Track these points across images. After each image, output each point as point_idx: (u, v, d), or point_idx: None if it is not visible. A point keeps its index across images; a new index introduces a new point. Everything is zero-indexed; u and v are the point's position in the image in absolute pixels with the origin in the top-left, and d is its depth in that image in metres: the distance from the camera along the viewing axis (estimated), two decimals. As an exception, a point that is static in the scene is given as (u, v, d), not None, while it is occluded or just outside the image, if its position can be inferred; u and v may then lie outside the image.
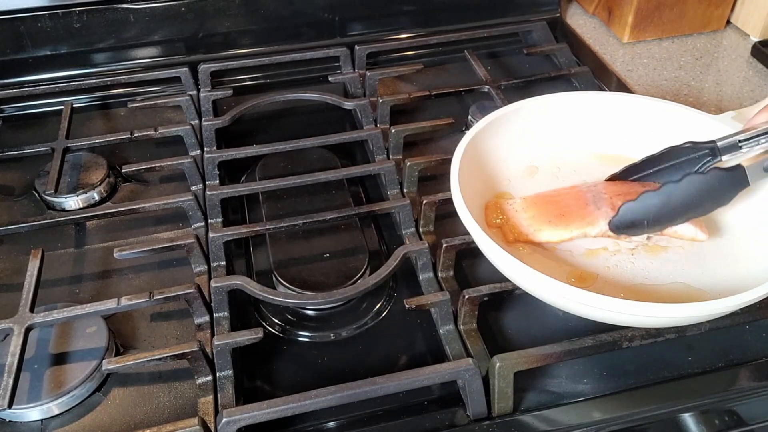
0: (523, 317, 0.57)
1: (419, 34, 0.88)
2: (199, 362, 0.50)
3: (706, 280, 0.54)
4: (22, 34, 0.78)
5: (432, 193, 0.62)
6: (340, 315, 0.58)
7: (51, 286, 0.60)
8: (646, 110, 0.64)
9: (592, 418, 0.49)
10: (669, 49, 0.89)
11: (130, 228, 0.66)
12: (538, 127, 0.65)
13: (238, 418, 0.45)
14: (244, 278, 0.54)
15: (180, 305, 0.57)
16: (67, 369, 0.51)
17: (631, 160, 0.61)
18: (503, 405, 0.49)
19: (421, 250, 0.57)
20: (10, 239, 0.64)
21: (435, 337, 0.55)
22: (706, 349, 0.54)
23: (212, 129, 0.72)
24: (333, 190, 0.67)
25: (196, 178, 0.68)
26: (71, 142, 0.71)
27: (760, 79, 0.83)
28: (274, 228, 0.60)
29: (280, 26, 0.85)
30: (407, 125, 0.71)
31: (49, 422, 0.50)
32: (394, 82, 0.85)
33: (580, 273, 0.55)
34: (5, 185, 0.71)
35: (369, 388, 0.47)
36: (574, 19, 0.96)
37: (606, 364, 0.53)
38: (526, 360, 0.49)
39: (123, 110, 0.81)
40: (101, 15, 0.79)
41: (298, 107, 0.80)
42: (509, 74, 0.86)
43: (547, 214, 0.58)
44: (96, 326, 0.54)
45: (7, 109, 0.81)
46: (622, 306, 0.45)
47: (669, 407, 0.50)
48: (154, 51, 0.83)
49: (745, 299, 0.45)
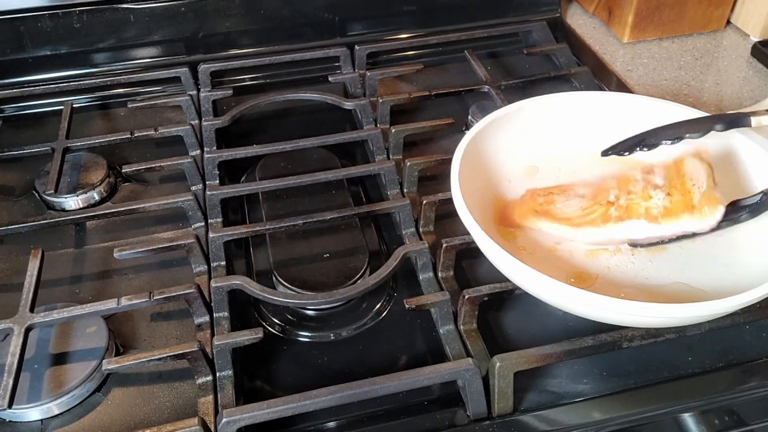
0: (523, 317, 0.57)
1: (419, 34, 0.88)
2: (199, 362, 0.50)
3: (706, 280, 0.54)
4: (22, 34, 0.78)
5: (432, 193, 0.62)
6: (340, 315, 0.58)
7: (51, 286, 0.60)
8: (646, 110, 0.64)
9: (592, 418, 0.49)
10: (669, 49, 0.89)
11: (130, 228, 0.66)
12: (538, 127, 0.65)
13: (238, 418, 0.45)
14: (244, 278, 0.54)
15: (180, 305, 0.57)
16: (67, 369, 0.51)
17: (631, 160, 0.61)
18: (503, 405, 0.49)
19: (421, 250, 0.57)
20: (10, 239, 0.64)
21: (435, 337, 0.55)
22: (706, 349, 0.54)
23: (212, 129, 0.72)
24: (333, 190, 0.67)
25: (196, 178, 0.68)
26: (71, 142, 0.71)
27: (760, 79, 0.83)
28: (274, 228, 0.60)
29: (280, 26, 0.85)
30: (407, 125, 0.71)
31: (49, 422, 0.50)
32: (394, 82, 0.85)
33: (580, 273, 0.55)
34: (5, 185, 0.71)
35: (369, 388, 0.47)
36: (574, 19, 0.96)
37: (606, 364, 0.53)
38: (526, 360, 0.49)
39: (123, 110, 0.81)
40: (101, 15, 0.79)
41: (298, 107, 0.80)
42: (509, 74, 0.86)
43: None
44: (96, 326, 0.54)
45: (7, 109, 0.81)
46: (622, 306, 0.45)
47: (669, 407, 0.50)
48: (154, 51, 0.83)
49: (745, 299, 0.45)
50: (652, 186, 0.57)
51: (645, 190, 0.57)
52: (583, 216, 0.58)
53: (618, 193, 0.58)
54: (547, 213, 0.58)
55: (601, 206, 0.58)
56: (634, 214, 0.56)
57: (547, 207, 0.59)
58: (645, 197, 0.57)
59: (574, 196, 0.60)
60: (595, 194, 0.59)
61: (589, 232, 0.57)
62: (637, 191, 0.57)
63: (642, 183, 0.58)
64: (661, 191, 0.56)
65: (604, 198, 0.58)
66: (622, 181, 0.59)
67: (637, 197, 0.57)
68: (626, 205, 0.57)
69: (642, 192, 0.57)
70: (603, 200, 0.58)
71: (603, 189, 0.59)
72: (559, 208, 0.59)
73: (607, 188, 0.59)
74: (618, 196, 0.57)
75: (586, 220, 0.57)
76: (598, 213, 0.57)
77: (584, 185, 0.61)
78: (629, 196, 0.57)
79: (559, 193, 0.60)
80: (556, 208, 0.59)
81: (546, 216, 0.58)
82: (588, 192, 0.60)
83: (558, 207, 0.59)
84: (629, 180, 0.59)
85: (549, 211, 0.59)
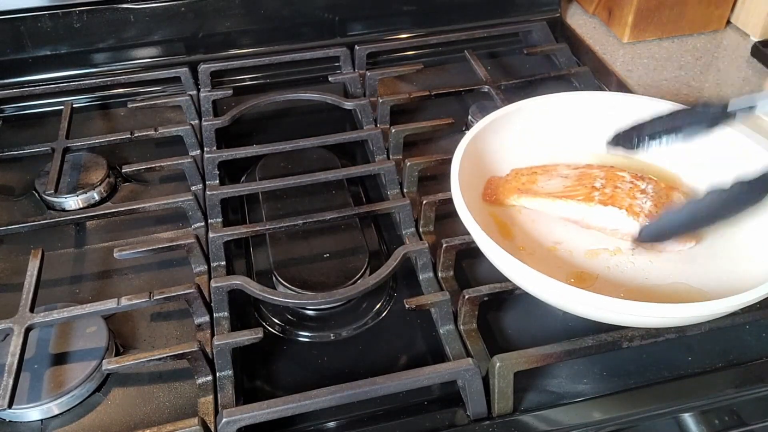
0: (523, 317, 0.57)
1: (419, 34, 0.88)
2: (199, 362, 0.50)
3: (706, 280, 0.54)
4: (22, 34, 0.78)
5: (432, 193, 0.62)
6: (340, 315, 0.58)
7: (51, 286, 0.60)
8: (646, 110, 0.64)
9: (592, 418, 0.49)
10: (669, 49, 0.89)
11: (130, 228, 0.66)
12: (538, 127, 0.65)
13: (238, 418, 0.45)
14: (244, 278, 0.54)
15: (180, 305, 0.57)
16: (67, 369, 0.51)
17: (631, 160, 0.61)
18: (503, 405, 0.49)
19: (421, 250, 0.57)
20: (10, 239, 0.64)
21: (435, 337, 0.55)
22: (706, 349, 0.54)
23: (212, 129, 0.72)
24: (333, 190, 0.67)
25: (196, 178, 0.68)
26: (71, 142, 0.71)
27: (760, 79, 0.83)
28: (274, 228, 0.60)
29: (280, 26, 0.85)
30: (407, 125, 0.71)
31: (49, 422, 0.50)
32: (394, 82, 0.85)
33: (580, 273, 0.55)
34: (5, 185, 0.71)
35: (369, 388, 0.47)
36: (574, 19, 0.96)
37: (606, 364, 0.53)
38: (526, 360, 0.49)
39: (123, 110, 0.81)
40: (101, 15, 0.79)
41: (298, 107, 0.80)
42: (509, 74, 0.86)
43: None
44: (96, 326, 0.54)
45: (7, 109, 0.81)
46: (622, 306, 0.45)
47: (669, 407, 0.50)
48: (154, 51, 0.83)
49: (745, 299, 0.45)
50: (639, 190, 0.57)
51: (632, 190, 0.58)
52: (564, 191, 0.59)
53: (605, 182, 0.59)
54: (528, 191, 0.60)
55: (585, 188, 0.59)
56: (618, 203, 0.56)
57: (529, 186, 0.61)
58: (630, 195, 0.57)
59: (557, 176, 0.61)
60: (580, 177, 0.60)
61: (566, 205, 0.58)
62: (623, 188, 0.58)
63: (630, 184, 0.58)
64: (647, 198, 0.57)
65: (589, 182, 0.59)
66: (611, 176, 0.59)
67: (623, 192, 0.57)
68: (611, 194, 0.57)
69: (628, 191, 0.58)
70: (588, 184, 0.59)
71: (588, 175, 0.60)
72: (541, 186, 0.60)
73: (593, 176, 0.60)
74: (604, 185, 0.58)
75: (566, 194, 0.59)
76: (581, 192, 0.58)
77: (568, 167, 0.62)
78: (615, 189, 0.58)
79: (542, 172, 0.62)
80: (538, 186, 0.60)
81: (528, 193, 0.60)
82: (572, 174, 0.61)
83: (540, 185, 0.60)
84: (617, 177, 0.59)
85: (531, 189, 0.60)
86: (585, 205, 0.57)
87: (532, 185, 0.61)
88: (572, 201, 0.58)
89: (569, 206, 0.58)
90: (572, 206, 0.58)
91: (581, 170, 0.62)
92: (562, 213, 0.59)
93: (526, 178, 0.62)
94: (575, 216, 0.59)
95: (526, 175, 0.62)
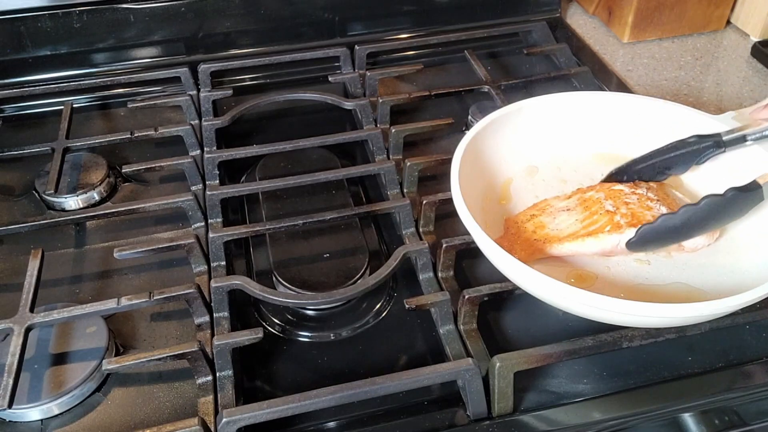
0: (523, 317, 0.57)
1: (419, 34, 0.88)
2: (199, 362, 0.50)
3: (706, 280, 0.54)
4: (22, 34, 0.78)
5: (432, 193, 0.62)
6: (340, 315, 0.58)
7: (51, 286, 0.60)
8: (646, 110, 0.64)
9: (592, 418, 0.49)
10: (669, 49, 0.89)
11: (130, 228, 0.66)
12: (538, 127, 0.65)
13: (238, 418, 0.45)
14: (244, 278, 0.54)
15: (180, 305, 0.57)
16: (67, 369, 0.51)
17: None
18: (503, 405, 0.49)
19: (421, 250, 0.57)
20: (10, 239, 0.64)
21: (435, 337, 0.55)
22: (706, 349, 0.54)
23: (212, 129, 0.72)
24: (333, 190, 0.67)
25: (196, 178, 0.68)
26: (71, 142, 0.71)
27: (760, 79, 0.83)
28: (274, 228, 0.60)
29: (280, 26, 0.85)
30: (407, 125, 0.71)
31: (49, 422, 0.50)
32: (394, 82, 0.85)
33: (580, 273, 0.55)
34: (5, 185, 0.71)
35: (369, 388, 0.47)
36: (574, 19, 0.96)
37: (606, 364, 0.53)
38: (526, 360, 0.49)
39: (123, 110, 0.81)
40: (101, 15, 0.79)
41: (298, 107, 0.80)
42: (509, 74, 0.86)
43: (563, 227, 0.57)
44: (96, 326, 0.54)
45: (7, 109, 0.81)
46: (622, 306, 0.45)
47: (669, 407, 0.50)
48: (154, 51, 0.83)
49: (745, 299, 0.45)
50: (647, 198, 0.57)
51: (641, 201, 0.57)
52: (585, 227, 0.56)
53: (614, 202, 0.57)
54: (547, 239, 0.56)
55: (601, 215, 0.56)
56: (643, 219, 0.55)
57: (542, 233, 0.57)
58: (645, 207, 0.56)
59: (557, 212, 0.58)
60: (584, 205, 0.58)
61: (598, 241, 0.55)
62: (633, 202, 0.57)
63: (635, 196, 0.57)
64: (659, 203, 0.56)
65: (598, 208, 0.57)
66: (611, 194, 0.58)
67: (637, 207, 0.56)
68: (630, 213, 0.56)
69: (639, 203, 0.57)
70: (598, 210, 0.57)
71: (590, 200, 0.58)
72: (553, 229, 0.57)
73: (596, 199, 0.58)
74: (615, 206, 0.57)
75: (590, 230, 0.56)
76: (602, 222, 0.56)
77: (558, 198, 0.60)
78: (629, 207, 0.56)
79: (539, 214, 0.59)
80: (551, 231, 0.57)
81: (551, 242, 0.56)
82: (572, 204, 0.59)
83: (551, 228, 0.57)
84: (618, 193, 0.58)
85: (548, 237, 0.56)
86: (616, 234, 0.55)
87: (544, 231, 0.57)
88: (602, 234, 0.55)
89: (601, 241, 0.55)
90: (605, 239, 0.55)
91: (578, 196, 0.59)
92: (595, 249, 0.55)
93: (532, 226, 0.57)
94: (609, 247, 0.55)
95: (527, 222, 0.58)
